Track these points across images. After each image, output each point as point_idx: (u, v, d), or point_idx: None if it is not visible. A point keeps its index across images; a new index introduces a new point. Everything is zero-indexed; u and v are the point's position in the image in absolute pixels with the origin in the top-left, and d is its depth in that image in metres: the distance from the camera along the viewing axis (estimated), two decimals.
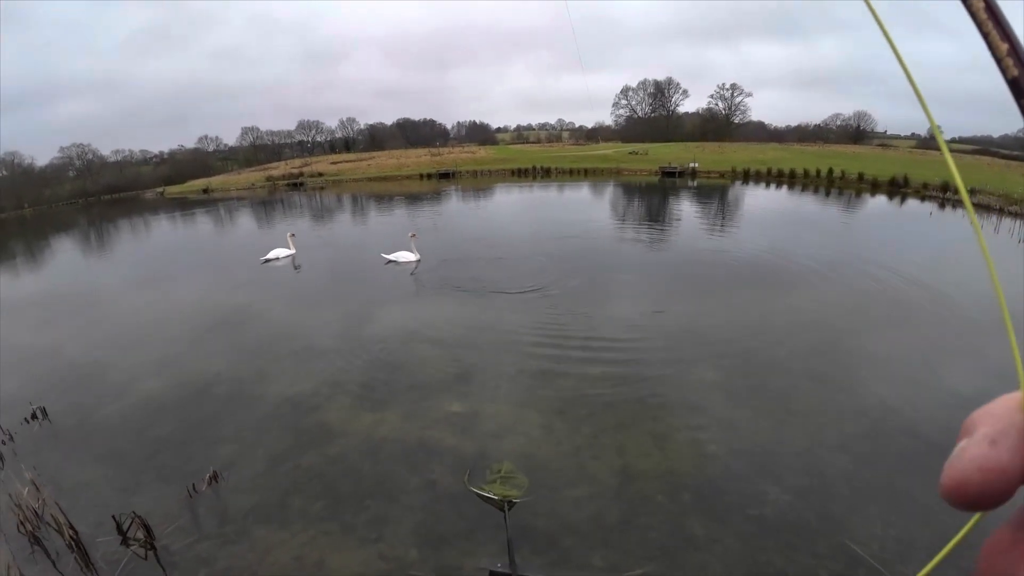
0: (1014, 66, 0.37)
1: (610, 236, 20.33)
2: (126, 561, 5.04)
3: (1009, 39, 0.38)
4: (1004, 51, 0.37)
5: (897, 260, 14.65)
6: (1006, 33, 0.38)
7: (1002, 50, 0.37)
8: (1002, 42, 0.38)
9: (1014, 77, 0.37)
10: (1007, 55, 0.37)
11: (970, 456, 0.34)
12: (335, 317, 11.77)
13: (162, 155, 76.58)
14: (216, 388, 8.58)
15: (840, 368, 8.53)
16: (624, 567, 4.71)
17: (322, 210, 34.31)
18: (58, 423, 7.72)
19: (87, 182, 60.39)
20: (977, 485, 0.33)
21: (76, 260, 23.00)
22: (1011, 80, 0.37)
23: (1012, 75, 0.37)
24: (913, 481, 5.65)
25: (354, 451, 6.63)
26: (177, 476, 6.19)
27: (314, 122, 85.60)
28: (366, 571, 4.78)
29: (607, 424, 7.04)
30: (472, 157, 62.34)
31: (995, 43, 0.38)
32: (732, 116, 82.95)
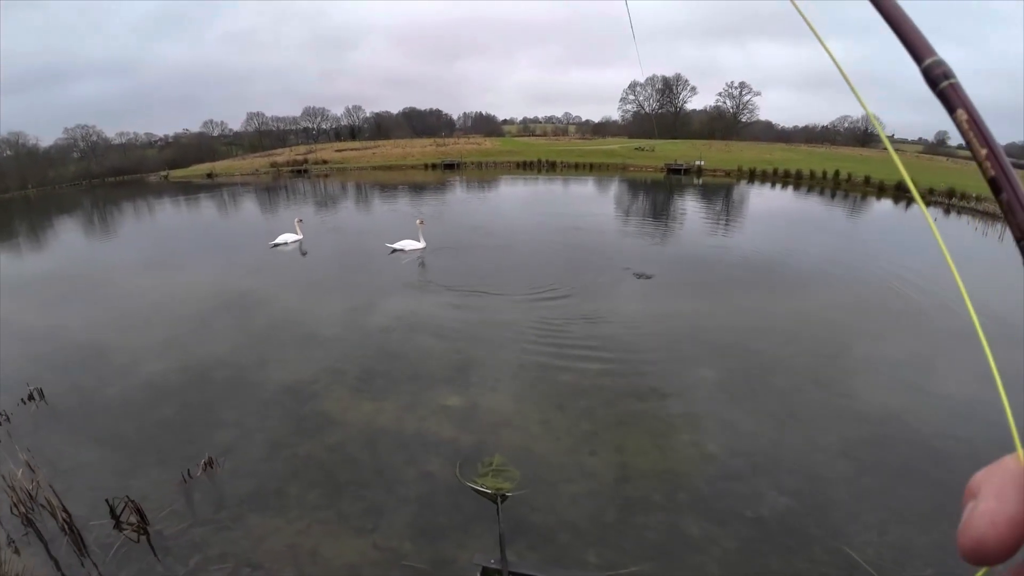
0: (991, 168, 0.43)
1: (614, 233, 20.25)
2: (119, 545, 5.03)
3: (988, 144, 0.43)
4: (983, 155, 0.43)
5: (902, 265, 14.57)
6: (985, 139, 0.43)
7: (981, 154, 0.43)
8: (981, 147, 0.43)
9: (992, 177, 0.43)
10: (985, 159, 0.43)
11: (980, 513, 0.36)
12: (339, 304, 11.74)
13: (167, 138, 76.43)
14: (218, 372, 8.57)
15: (843, 372, 8.49)
16: (619, 565, 4.69)
17: (326, 198, 34.22)
18: (56, 404, 7.70)
19: (91, 164, 60.14)
20: (993, 540, 0.35)
21: (79, 241, 22.97)
22: (990, 179, 0.43)
23: (990, 175, 0.43)
24: (912, 489, 5.62)
25: (352, 440, 6.61)
26: (175, 460, 6.16)
27: (320, 109, 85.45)
28: (360, 561, 4.77)
29: (606, 421, 7.01)
30: (478, 148, 62.14)
31: (975, 149, 0.43)
32: (740, 115, 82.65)
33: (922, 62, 0.46)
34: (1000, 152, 0.43)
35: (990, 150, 0.43)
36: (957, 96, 0.44)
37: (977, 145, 0.43)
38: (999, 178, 0.42)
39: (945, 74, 0.45)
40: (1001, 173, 0.42)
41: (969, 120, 0.44)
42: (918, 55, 0.46)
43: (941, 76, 0.45)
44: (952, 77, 0.45)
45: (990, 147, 0.43)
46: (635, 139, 70.94)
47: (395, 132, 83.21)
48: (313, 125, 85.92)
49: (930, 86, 0.45)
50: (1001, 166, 0.42)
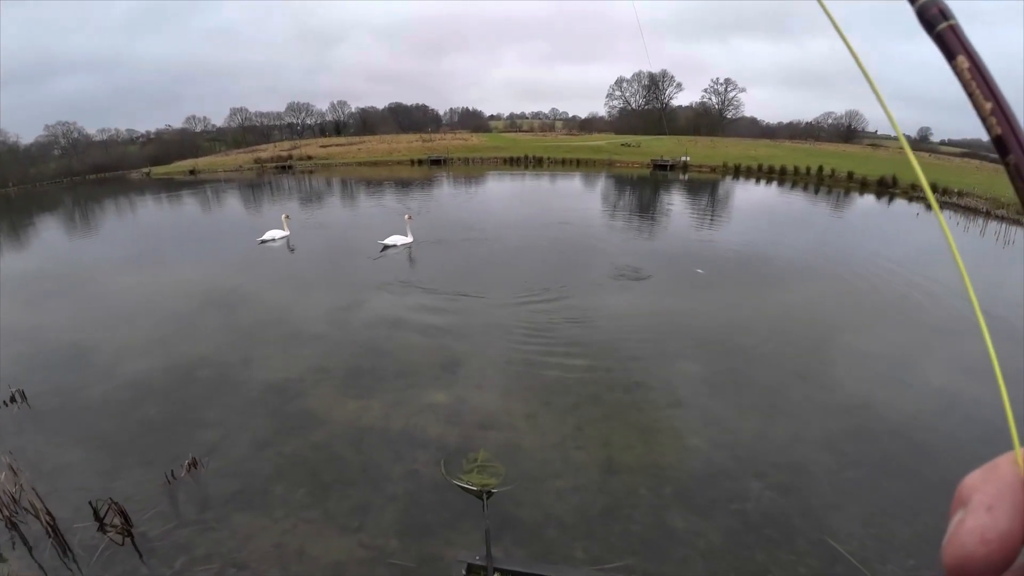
0: (997, 124, 0.37)
1: (601, 228, 20.31)
2: (103, 547, 4.98)
3: (995, 97, 0.37)
4: (988, 110, 0.37)
5: (884, 259, 14.76)
6: (991, 91, 0.37)
7: (986, 109, 0.37)
8: (986, 101, 0.37)
9: (998, 135, 0.37)
10: (991, 114, 0.37)
11: (968, 528, 0.33)
12: (325, 301, 11.66)
13: (149, 135, 75.40)
14: (202, 371, 8.48)
15: (826, 365, 8.60)
16: (606, 559, 4.72)
17: (312, 194, 33.95)
18: (38, 406, 7.58)
19: (72, 161, 59.25)
20: (981, 558, 0.32)
21: (61, 240, 22.60)
22: (995, 137, 0.37)
23: (996, 133, 0.37)
24: (895, 481, 5.71)
25: (338, 439, 6.58)
26: (159, 461, 6.10)
27: (304, 104, 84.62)
28: (346, 560, 4.76)
29: (592, 416, 7.05)
30: (464, 144, 61.92)
31: (980, 102, 0.37)
32: (725, 111, 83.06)
33: (916, 1, 0.40)
34: (1008, 106, 0.37)
35: (996, 104, 0.37)
36: (957, 40, 0.39)
37: (981, 98, 0.37)
38: (1007, 137, 0.36)
39: (943, 13, 0.39)
40: (1009, 131, 0.36)
41: (971, 68, 0.38)
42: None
43: (938, 16, 0.39)
44: (951, 18, 0.39)
45: (996, 100, 0.37)
46: (622, 135, 71.08)
47: (381, 127, 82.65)
48: (297, 120, 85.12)
49: (926, 28, 0.39)
50: (1009, 123, 0.37)
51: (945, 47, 0.39)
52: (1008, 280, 13.13)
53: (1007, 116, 0.37)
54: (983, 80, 0.37)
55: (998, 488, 0.33)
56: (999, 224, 22.05)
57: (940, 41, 0.39)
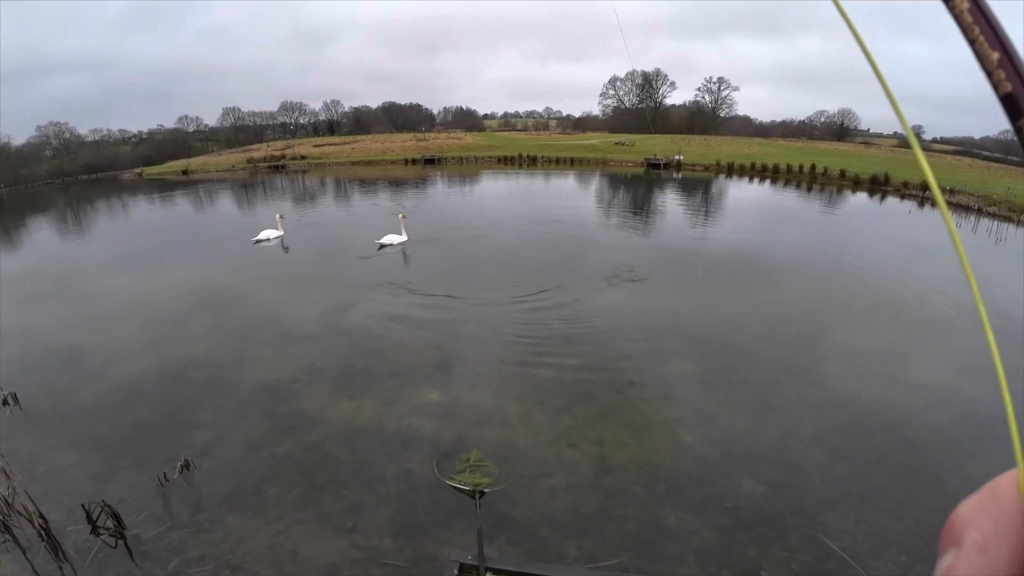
0: (1007, 79, 0.30)
1: (595, 226, 20.35)
2: (96, 550, 4.96)
3: (1003, 46, 0.30)
4: (995, 61, 0.30)
5: (876, 256, 14.83)
6: (998, 39, 0.30)
7: (992, 60, 0.30)
8: (992, 50, 0.30)
9: (1007, 93, 0.30)
10: (999, 66, 0.30)
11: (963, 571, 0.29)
12: (318, 301, 11.63)
13: (141, 135, 74.97)
14: (194, 372, 8.46)
15: (818, 362, 8.64)
16: (599, 557, 4.74)
17: (305, 193, 33.86)
18: (31, 408, 7.54)
19: (64, 161, 58.86)
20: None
21: (53, 241, 22.46)
22: (1004, 96, 0.30)
23: (1005, 90, 0.30)
24: (887, 477, 5.74)
25: (331, 439, 6.58)
26: (151, 463, 6.08)
27: (297, 104, 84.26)
28: (340, 560, 4.76)
29: (586, 414, 7.06)
30: (458, 143, 61.87)
31: (984, 51, 0.30)
32: (719, 110, 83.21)
33: None
34: (1018, 57, 0.30)
35: (1004, 53, 0.30)
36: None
37: (986, 46, 0.30)
38: (1018, 94, 0.29)
39: None
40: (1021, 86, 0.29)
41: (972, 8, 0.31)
42: None
43: None
44: None
45: (1004, 49, 0.30)
46: (616, 134, 71.15)
47: (374, 127, 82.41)
48: (291, 120, 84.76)
49: None
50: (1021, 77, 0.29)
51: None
52: (1003, 277, 13.20)
53: (1017, 69, 0.30)
54: (987, 24, 0.31)
55: (995, 522, 0.29)
56: (991, 221, 22.19)
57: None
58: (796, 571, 4.59)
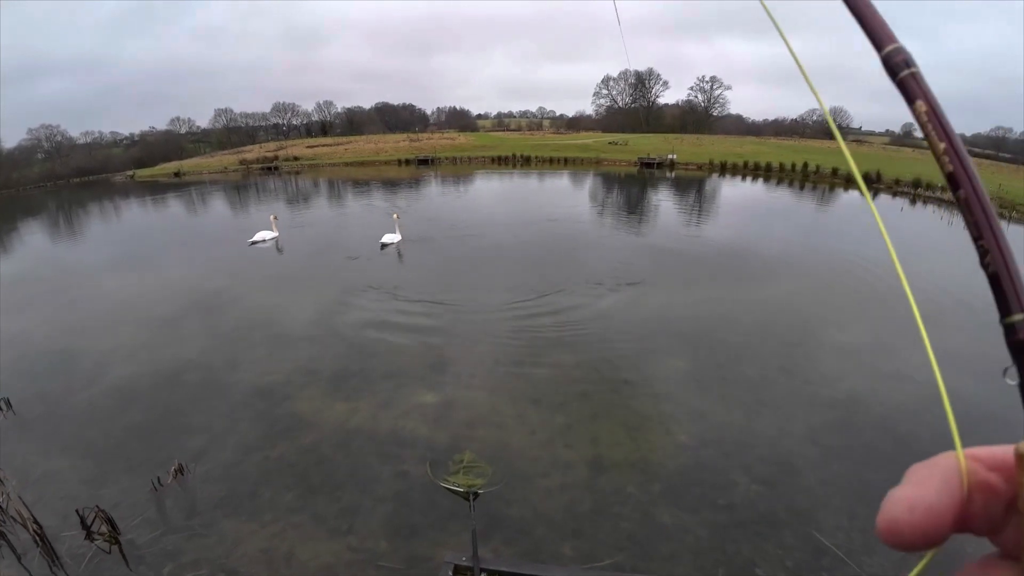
0: (950, 162, 0.40)
1: (588, 226, 20.39)
2: (91, 555, 4.94)
3: (948, 138, 0.40)
4: (941, 149, 0.40)
5: (867, 254, 14.89)
6: (945, 132, 0.40)
7: (940, 148, 0.40)
8: (940, 141, 0.40)
9: (950, 172, 0.40)
10: (944, 153, 0.40)
11: (897, 497, 0.36)
12: (313, 303, 11.61)
13: (133, 137, 74.63)
14: (188, 375, 8.43)
15: (810, 359, 8.68)
16: (594, 557, 4.75)
17: (299, 195, 33.80)
18: (24, 413, 7.50)
19: (56, 164, 58.54)
20: (907, 524, 0.35)
21: (45, 244, 22.35)
22: (948, 175, 0.41)
23: (948, 170, 0.40)
24: (880, 473, 5.76)
25: (326, 441, 6.56)
26: (145, 467, 6.06)
27: (290, 104, 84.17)
28: (335, 563, 4.75)
29: (581, 414, 7.08)
30: (452, 143, 61.89)
31: (934, 142, 0.41)
32: (711, 109, 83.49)
33: (882, 49, 0.43)
34: (960, 146, 0.40)
35: (949, 144, 0.40)
36: (917, 86, 0.42)
37: (936, 138, 0.41)
38: (958, 173, 0.40)
39: (906, 62, 0.42)
40: (960, 168, 0.40)
41: (928, 111, 0.41)
42: (878, 42, 0.43)
43: (902, 64, 0.42)
44: (913, 66, 0.42)
45: (949, 140, 0.40)
46: (609, 133, 71.26)
47: (368, 127, 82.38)
48: (283, 121, 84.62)
49: (890, 75, 0.42)
50: (961, 161, 0.40)
51: (906, 92, 0.42)
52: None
53: (959, 155, 0.40)
54: (938, 122, 0.41)
55: (931, 470, 0.37)
56: None
57: (902, 87, 0.42)
58: (791, 568, 4.61)
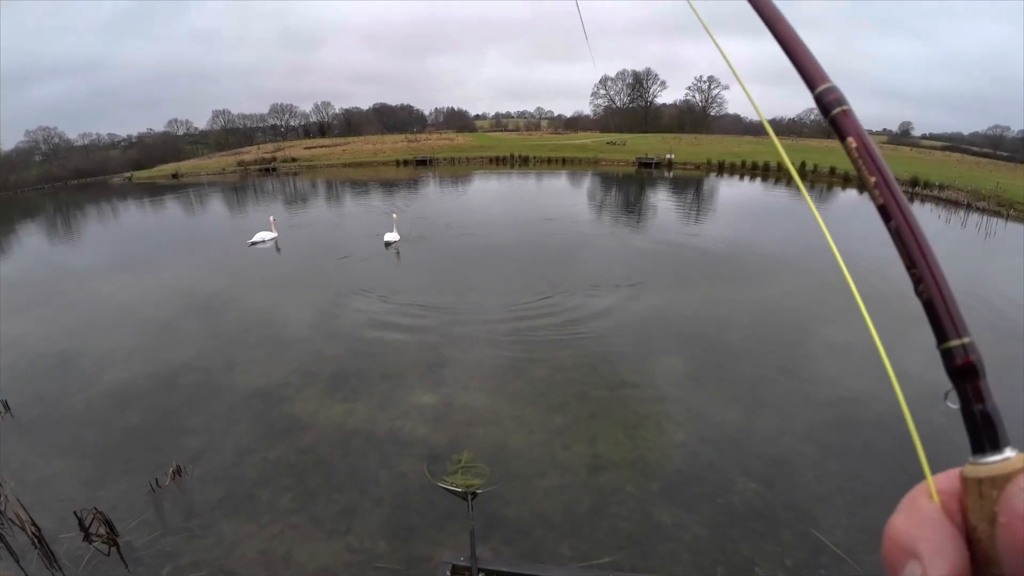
0: (880, 196, 0.42)
1: (586, 226, 20.38)
2: (89, 557, 4.93)
3: (879, 171, 0.42)
4: (872, 183, 0.42)
5: (865, 252, 14.88)
6: (876, 166, 0.42)
7: (871, 182, 0.42)
8: (871, 175, 0.42)
9: (881, 204, 0.42)
10: (875, 187, 0.42)
11: None
12: (310, 304, 11.61)
13: (130, 139, 74.55)
14: (185, 377, 8.42)
15: (808, 359, 8.69)
16: (593, 556, 4.75)
17: (296, 196, 33.80)
18: (21, 415, 7.49)
19: (53, 166, 58.47)
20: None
21: (43, 246, 22.32)
22: (879, 207, 0.42)
23: (879, 203, 0.42)
24: (878, 471, 5.77)
25: (324, 443, 6.55)
26: (143, 469, 6.05)
27: (288, 106, 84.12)
28: (334, 564, 4.75)
29: (579, 414, 7.07)
30: (450, 144, 61.91)
31: (865, 176, 0.42)
32: (709, 108, 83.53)
33: (815, 88, 0.45)
34: (891, 179, 0.42)
35: (880, 177, 0.42)
36: (849, 123, 0.44)
37: (866, 173, 0.42)
38: (889, 205, 0.41)
39: (838, 100, 0.44)
40: (892, 200, 0.41)
41: (860, 147, 0.43)
42: (811, 82, 0.45)
43: (834, 103, 0.44)
44: (845, 104, 0.44)
45: (881, 174, 0.42)
46: (607, 133, 71.31)
47: (366, 128, 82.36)
48: (281, 122, 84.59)
49: (822, 112, 0.44)
50: (892, 193, 0.41)
51: (838, 129, 0.44)
52: (996, 271, 13.33)
53: (889, 187, 0.42)
54: (869, 157, 0.42)
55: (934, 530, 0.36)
56: (980, 216, 22.37)
57: (834, 124, 0.44)
58: (790, 567, 4.61)
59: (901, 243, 0.41)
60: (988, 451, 0.37)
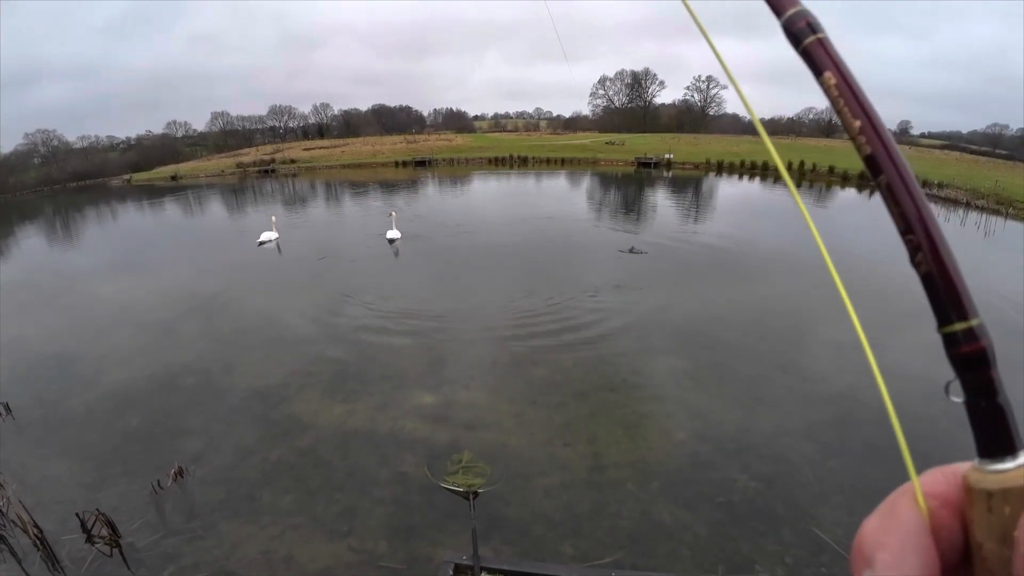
0: (867, 143, 0.34)
1: (585, 225, 20.38)
2: (92, 559, 4.94)
3: (865, 113, 0.34)
4: (856, 128, 0.34)
5: (864, 251, 14.91)
6: (861, 107, 0.34)
7: (854, 127, 0.34)
8: (854, 119, 0.34)
9: (869, 154, 0.34)
10: (860, 132, 0.34)
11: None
12: (310, 304, 11.60)
13: (129, 141, 74.50)
14: (185, 379, 8.42)
15: (808, 357, 8.70)
16: (594, 556, 4.75)
17: (295, 197, 33.81)
18: (22, 418, 7.48)
19: (52, 169, 58.52)
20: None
21: (42, 249, 22.32)
22: (866, 157, 0.34)
23: (866, 152, 0.34)
24: (877, 468, 5.77)
25: (324, 443, 6.56)
26: (144, 470, 6.05)
27: (287, 107, 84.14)
28: (335, 564, 4.75)
29: (579, 413, 7.08)
30: (449, 145, 61.94)
31: (847, 121, 0.35)
32: (707, 108, 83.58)
33: (782, 14, 0.36)
34: (879, 123, 0.34)
35: (866, 120, 0.34)
36: (825, 54, 0.35)
37: (848, 116, 0.34)
38: (878, 154, 0.34)
39: (811, 26, 0.36)
40: (881, 148, 0.34)
41: (840, 83, 0.35)
42: (778, 6, 0.36)
43: (806, 30, 0.36)
44: (820, 31, 0.36)
45: (867, 116, 0.34)
46: (606, 133, 71.35)
47: (364, 129, 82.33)
48: (280, 124, 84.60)
49: (793, 44, 0.36)
50: (881, 140, 0.34)
51: (812, 62, 0.36)
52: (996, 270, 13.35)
53: (879, 133, 0.34)
54: (852, 96, 0.34)
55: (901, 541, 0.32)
56: (979, 215, 22.40)
57: (807, 56, 0.36)
58: (790, 565, 4.62)
59: (894, 201, 0.34)
60: (999, 456, 0.31)
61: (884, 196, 0.34)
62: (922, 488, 0.33)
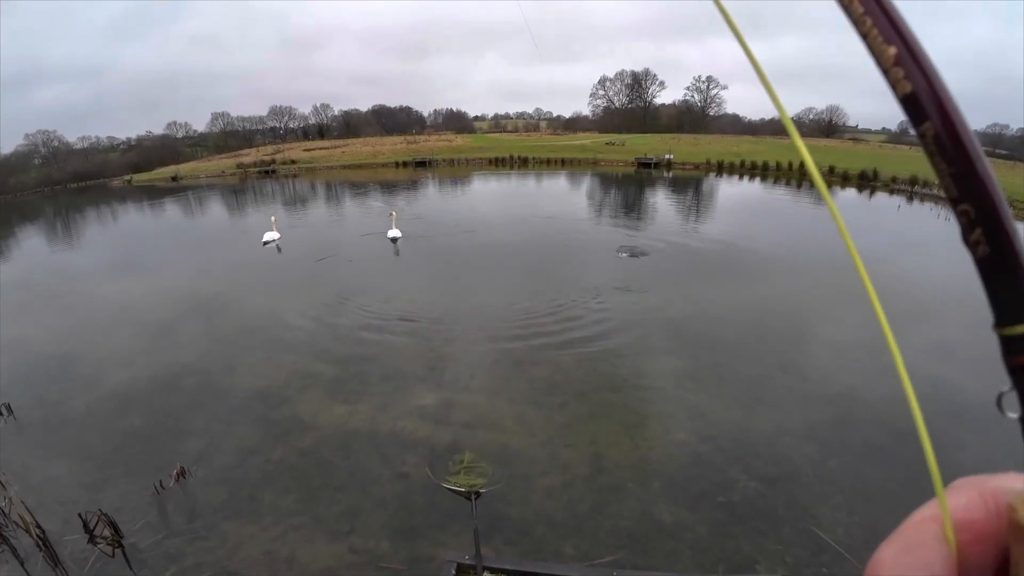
0: (905, 79, 0.25)
1: (586, 225, 20.40)
2: (94, 559, 4.95)
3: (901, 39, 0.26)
4: (891, 58, 0.26)
5: (864, 251, 14.88)
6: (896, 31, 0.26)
7: (888, 57, 0.26)
8: (887, 44, 0.26)
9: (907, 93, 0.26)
10: (895, 63, 0.26)
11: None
12: (310, 304, 11.60)
13: (129, 142, 74.48)
14: (186, 379, 8.43)
15: (808, 357, 8.71)
16: (595, 555, 4.77)
17: (296, 198, 33.82)
18: (23, 418, 7.50)
19: (53, 170, 58.53)
20: None
21: (42, 249, 22.32)
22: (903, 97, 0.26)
23: (904, 91, 0.26)
24: (877, 469, 5.80)
25: (326, 444, 6.57)
26: (146, 471, 6.06)
27: (287, 108, 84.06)
28: (337, 565, 4.77)
29: (580, 413, 7.10)
30: (449, 145, 61.92)
31: (878, 48, 0.26)
32: (708, 108, 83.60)
33: None
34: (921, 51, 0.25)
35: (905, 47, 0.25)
36: None
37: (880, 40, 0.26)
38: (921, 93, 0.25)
39: None
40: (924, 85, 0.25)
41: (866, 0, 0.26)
42: None
43: None
44: None
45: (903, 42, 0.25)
46: (606, 133, 71.36)
47: (365, 130, 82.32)
48: (280, 124, 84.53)
49: None
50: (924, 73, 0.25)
51: None
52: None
53: (920, 64, 0.25)
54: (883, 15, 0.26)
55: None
56: None
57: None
58: (791, 564, 4.63)
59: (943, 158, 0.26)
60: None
61: (928, 151, 0.26)
62: (953, 514, 0.27)
